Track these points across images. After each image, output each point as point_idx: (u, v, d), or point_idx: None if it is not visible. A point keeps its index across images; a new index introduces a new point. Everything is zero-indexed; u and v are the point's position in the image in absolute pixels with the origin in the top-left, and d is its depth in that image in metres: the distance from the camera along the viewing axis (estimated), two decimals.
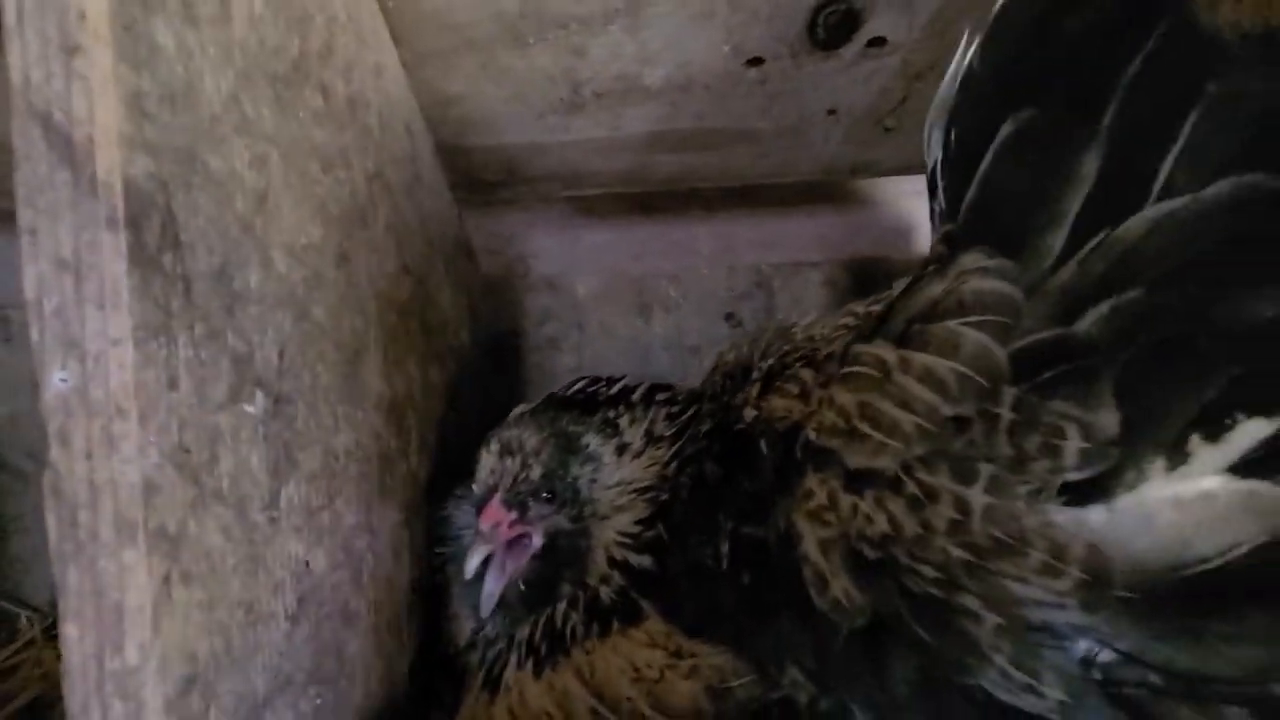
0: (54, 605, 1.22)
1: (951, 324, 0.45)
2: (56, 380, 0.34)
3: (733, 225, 1.21)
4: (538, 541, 0.65)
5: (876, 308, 0.56)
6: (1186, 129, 0.37)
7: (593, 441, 0.69)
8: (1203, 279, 0.37)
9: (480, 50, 0.81)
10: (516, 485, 0.66)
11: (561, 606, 0.65)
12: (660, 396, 0.76)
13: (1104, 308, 0.39)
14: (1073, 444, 0.40)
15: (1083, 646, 0.41)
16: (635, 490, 0.67)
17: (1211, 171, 0.37)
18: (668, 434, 0.70)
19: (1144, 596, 0.38)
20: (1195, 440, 0.37)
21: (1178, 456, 0.38)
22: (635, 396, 0.76)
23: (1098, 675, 0.41)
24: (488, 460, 0.69)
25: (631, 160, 1.02)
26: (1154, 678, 0.39)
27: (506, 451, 0.68)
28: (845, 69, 0.86)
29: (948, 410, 0.44)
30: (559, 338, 1.19)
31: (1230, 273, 0.37)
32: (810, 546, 0.50)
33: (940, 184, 0.47)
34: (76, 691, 0.34)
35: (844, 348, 0.54)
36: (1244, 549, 0.36)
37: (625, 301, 1.18)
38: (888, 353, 0.48)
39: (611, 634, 0.61)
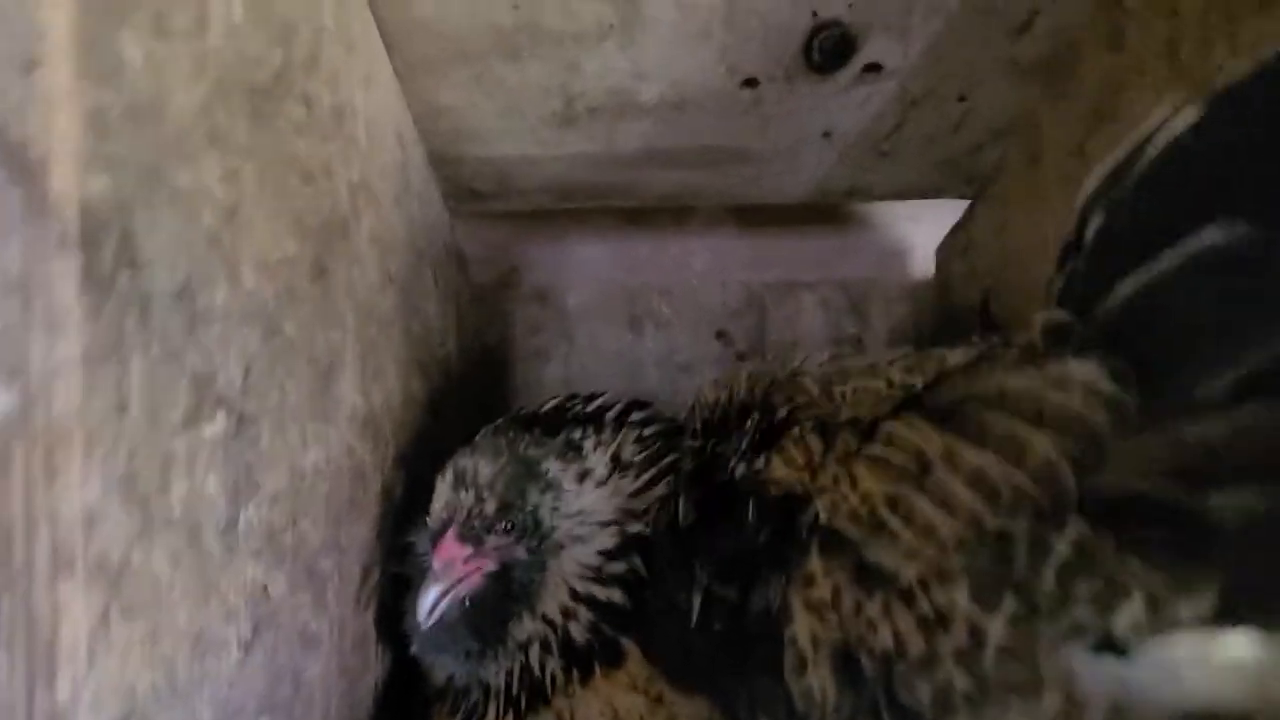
0: None
1: (1020, 425, 0.41)
2: None
3: (726, 242, 1.20)
4: (490, 567, 0.64)
5: (913, 378, 0.53)
6: None
7: (553, 468, 0.67)
8: None
9: (474, 61, 0.80)
10: (471, 520, 0.64)
11: (535, 652, 0.63)
12: (635, 417, 0.75)
13: (1248, 493, 0.33)
14: (1131, 611, 0.36)
15: None
16: (597, 522, 0.65)
17: None
18: (636, 459, 0.69)
19: None
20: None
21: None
22: (608, 417, 0.74)
23: None
24: (443, 491, 0.67)
25: (624, 175, 1.01)
26: None
27: (460, 484, 0.66)
28: (841, 93, 0.85)
29: (992, 524, 0.41)
30: (548, 349, 1.18)
31: None
32: (802, 634, 0.48)
33: (1085, 252, 0.41)
34: None
35: (870, 419, 0.51)
36: None
37: (616, 315, 1.17)
38: (932, 443, 0.45)
39: (594, 679, 0.59)
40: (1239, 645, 0.34)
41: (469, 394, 1.08)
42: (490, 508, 0.64)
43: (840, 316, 1.18)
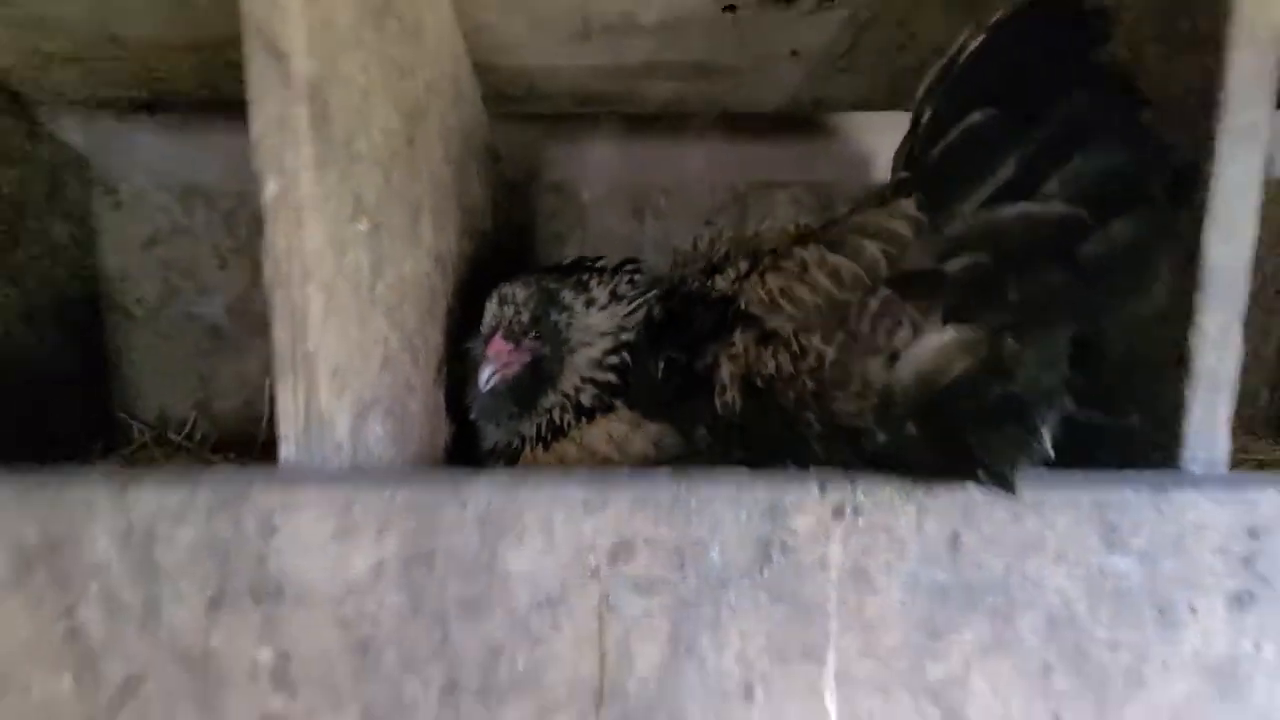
0: (160, 419, 1.56)
1: (864, 240, 0.68)
2: (271, 188, 0.60)
3: (716, 148, 1.43)
4: (525, 358, 0.93)
5: (814, 224, 0.80)
6: (1075, 161, 0.58)
7: (567, 296, 0.97)
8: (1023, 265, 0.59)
9: None
10: (511, 326, 0.94)
11: (556, 411, 0.94)
12: (629, 268, 1.03)
13: (964, 260, 0.61)
14: (904, 333, 0.63)
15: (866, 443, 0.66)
16: (599, 333, 0.95)
17: (1079, 193, 0.57)
18: (628, 294, 0.97)
19: (911, 408, 0.62)
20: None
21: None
22: (609, 265, 1.02)
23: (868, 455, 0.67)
24: (491, 308, 0.96)
25: (630, 84, 1.23)
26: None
27: (504, 302, 0.96)
28: (802, 18, 1.07)
29: (839, 296, 0.68)
30: (565, 234, 1.44)
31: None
32: (724, 374, 0.77)
33: (920, 129, 0.65)
34: (282, 362, 0.62)
35: (784, 247, 0.78)
36: (957, 370, 0.60)
37: (622, 207, 1.42)
38: (812, 254, 0.72)
39: (595, 419, 0.90)
40: (945, 336, 0.61)
41: (502, 267, 1.35)
42: (525, 319, 0.93)
43: (810, 212, 1.41)
